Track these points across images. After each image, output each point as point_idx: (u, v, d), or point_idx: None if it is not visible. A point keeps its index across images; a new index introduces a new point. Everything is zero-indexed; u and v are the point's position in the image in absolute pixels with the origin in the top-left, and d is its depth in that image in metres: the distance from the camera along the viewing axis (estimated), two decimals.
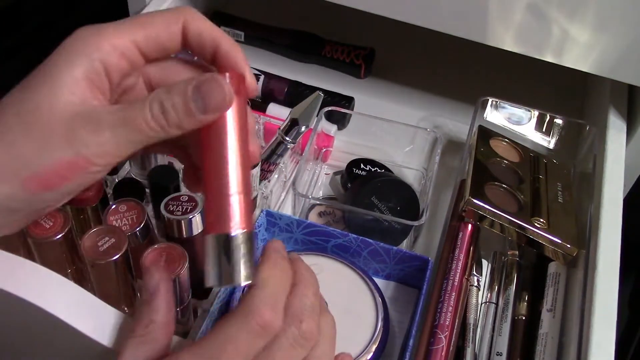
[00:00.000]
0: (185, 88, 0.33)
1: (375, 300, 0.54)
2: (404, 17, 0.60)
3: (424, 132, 0.67)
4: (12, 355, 0.49)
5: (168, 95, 0.33)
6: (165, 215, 0.48)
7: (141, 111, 0.33)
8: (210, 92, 0.33)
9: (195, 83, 0.33)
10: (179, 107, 0.33)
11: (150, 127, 0.33)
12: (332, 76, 0.78)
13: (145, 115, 0.33)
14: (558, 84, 0.77)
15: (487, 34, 0.58)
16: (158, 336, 0.34)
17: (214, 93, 0.33)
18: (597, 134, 0.62)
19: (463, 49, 0.70)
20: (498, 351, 0.51)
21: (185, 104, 0.33)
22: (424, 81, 0.78)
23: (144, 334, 0.34)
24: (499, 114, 0.67)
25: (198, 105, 0.33)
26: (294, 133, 0.56)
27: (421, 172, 0.68)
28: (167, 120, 0.33)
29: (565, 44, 0.57)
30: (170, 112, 0.33)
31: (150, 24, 0.35)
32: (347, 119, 0.71)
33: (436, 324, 0.50)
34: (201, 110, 0.33)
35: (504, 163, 0.61)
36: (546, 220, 0.55)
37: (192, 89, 0.33)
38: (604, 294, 0.47)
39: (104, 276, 0.45)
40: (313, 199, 0.63)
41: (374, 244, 0.55)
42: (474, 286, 0.56)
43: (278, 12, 0.85)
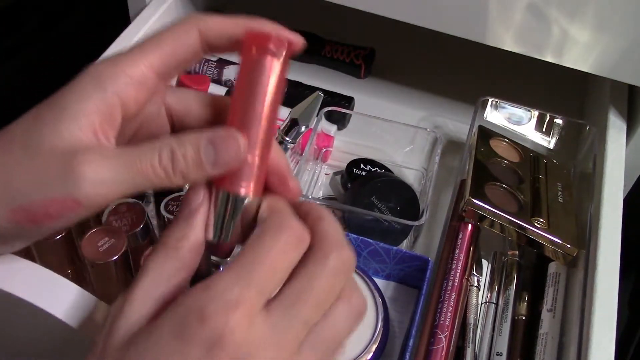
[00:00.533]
0: (198, 140, 0.32)
1: (375, 300, 0.54)
2: (404, 17, 0.60)
3: (424, 132, 0.67)
4: (12, 355, 0.49)
5: (180, 145, 0.32)
6: (165, 215, 0.48)
7: (150, 156, 0.32)
8: (224, 148, 0.32)
9: (209, 136, 0.32)
10: (190, 158, 0.32)
11: (156, 174, 0.32)
12: (332, 76, 0.78)
13: (153, 161, 0.32)
14: (558, 84, 0.77)
15: (487, 34, 0.58)
16: (186, 255, 0.32)
17: (228, 149, 0.32)
18: (597, 134, 0.62)
19: (463, 49, 0.70)
20: (498, 351, 0.51)
21: (197, 155, 0.32)
22: (424, 81, 0.78)
23: (174, 247, 0.32)
24: (499, 114, 0.67)
25: (209, 158, 0.32)
26: (294, 133, 0.56)
27: (421, 172, 0.68)
28: (174, 169, 0.32)
29: (565, 44, 0.57)
30: (180, 161, 0.32)
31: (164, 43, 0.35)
32: (347, 119, 0.71)
33: (436, 324, 0.50)
34: (211, 165, 0.32)
35: (504, 163, 0.61)
36: (546, 220, 0.55)
37: (205, 142, 0.32)
38: (604, 294, 0.47)
39: (103, 276, 0.46)
40: (313, 199, 0.63)
41: (374, 244, 0.55)
42: (474, 286, 0.56)
43: (278, 12, 0.84)
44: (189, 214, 0.33)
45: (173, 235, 0.32)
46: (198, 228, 0.32)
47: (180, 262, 0.31)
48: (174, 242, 0.32)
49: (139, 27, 0.66)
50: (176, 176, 0.32)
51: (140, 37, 0.65)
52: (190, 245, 0.32)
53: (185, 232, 0.32)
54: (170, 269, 0.31)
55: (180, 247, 0.32)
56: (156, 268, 0.31)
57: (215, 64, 0.74)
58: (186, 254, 0.32)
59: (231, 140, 0.32)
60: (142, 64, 0.34)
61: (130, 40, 0.64)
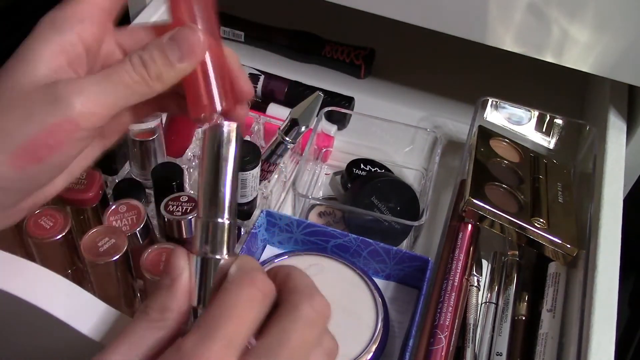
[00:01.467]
0: (160, 40, 0.35)
1: (375, 301, 0.54)
2: (404, 17, 0.60)
3: (424, 132, 0.67)
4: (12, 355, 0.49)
5: (145, 48, 0.34)
6: (165, 215, 0.48)
7: (123, 66, 0.34)
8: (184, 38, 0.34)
9: (169, 34, 0.35)
10: (157, 58, 0.34)
11: (134, 80, 0.34)
12: (332, 76, 0.78)
13: (127, 68, 0.34)
14: (558, 84, 0.77)
15: (487, 34, 0.58)
16: (172, 324, 0.32)
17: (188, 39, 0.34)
18: (597, 134, 0.62)
19: (463, 49, 0.70)
20: (498, 351, 0.51)
21: (163, 53, 0.34)
22: (424, 81, 0.78)
23: (158, 320, 0.32)
24: (499, 114, 0.67)
25: (175, 53, 0.34)
26: (294, 133, 0.56)
27: (421, 172, 0.68)
28: (149, 73, 0.34)
29: (565, 44, 0.57)
30: (149, 64, 0.34)
31: None
32: (347, 119, 0.71)
33: (436, 324, 0.50)
34: (178, 58, 0.34)
35: (504, 163, 0.61)
36: (546, 221, 0.55)
37: (167, 39, 0.35)
38: (604, 294, 0.47)
39: (104, 277, 0.45)
40: (313, 199, 0.63)
41: (374, 244, 0.55)
42: (474, 286, 0.56)
43: (278, 12, 0.85)
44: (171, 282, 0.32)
45: (157, 306, 0.32)
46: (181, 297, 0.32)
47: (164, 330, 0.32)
48: (157, 314, 0.32)
49: None
50: (153, 80, 0.34)
51: None
52: (175, 314, 0.32)
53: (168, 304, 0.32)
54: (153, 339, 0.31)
55: (165, 319, 0.32)
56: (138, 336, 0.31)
57: None
58: (172, 322, 0.32)
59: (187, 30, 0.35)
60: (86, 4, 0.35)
61: None
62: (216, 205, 0.33)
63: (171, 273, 0.33)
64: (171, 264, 0.33)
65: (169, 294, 0.32)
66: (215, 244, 0.33)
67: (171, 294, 0.32)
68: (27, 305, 0.38)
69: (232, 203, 0.34)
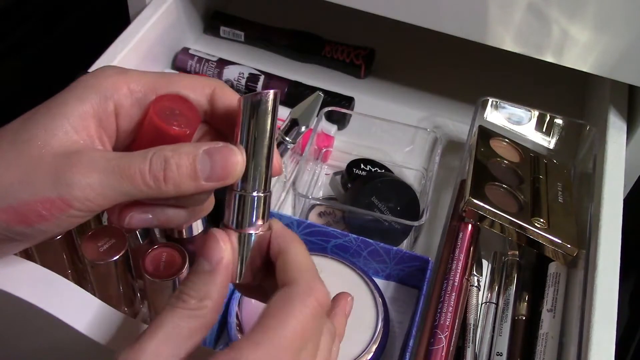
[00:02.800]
0: (195, 150, 0.32)
1: (375, 301, 0.54)
2: (404, 17, 0.60)
3: (424, 132, 0.67)
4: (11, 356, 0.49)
5: (175, 153, 0.31)
6: None
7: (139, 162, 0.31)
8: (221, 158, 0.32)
9: (207, 147, 0.32)
10: (184, 167, 0.31)
11: (144, 181, 0.31)
12: (332, 76, 0.78)
13: (142, 167, 0.31)
14: (558, 84, 0.77)
15: (487, 34, 0.58)
16: (208, 315, 0.30)
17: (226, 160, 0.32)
18: (597, 134, 0.62)
19: (463, 49, 0.70)
20: (498, 351, 0.51)
21: (192, 165, 0.31)
22: (424, 81, 0.78)
23: (196, 308, 0.30)
24: (499, 114, 0.67)
25: (205, 170, 0.31)
26: (294, 133, 0.56)
27: (421, 172, 0.68)
28: (165, 177, 0.31)
29: (565, 44, 0.57)
30: (172, 169, 0.31)
31: (177, 82, 0.34)
32: (347, 119, 0.71)
33: (436, 324, 0.50)
34: (206, 177, 0.32)
35: (504, 163, 0.61)
36: (546, 221, 0.55)
37: (203, 152, 0.32)
38: (604, 294, 0.47)
39: (104, 277, 0.45)
40: (313, 199, 0.63)
41: (374, 244, 0.55)
42: (474, 286, 0.56)
43: (278, 12, 0.85)
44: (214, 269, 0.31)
45: (196, 293, 0.31)
46: (222, 286, 0.31)
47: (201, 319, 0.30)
48: (196, 302, 0.30)
49: (139, 27, 0.66)
50: (167, 185, 0.31)
51: (140, 37, 0.65)
52: (214, 304, 0.31)
53: (209, 291, 0.31)
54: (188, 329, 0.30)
55: (204, 307, 0.30)
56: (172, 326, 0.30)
57: (215, 63, 0.74)
58: (209, 312, 0.31)
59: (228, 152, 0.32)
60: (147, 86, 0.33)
61: (130, 40, 0.64)
62: (253, 178, 0.32)
63: (211, 258, 0.31)
64: (210, 248, 0.32)
65: (211, 281, 0.31)
66: (253, 219, 0.32)
67: (213, 281, 0.31)
68: (27, 306, 0.38)
69: (269, 175, 0.33)
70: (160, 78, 0.34)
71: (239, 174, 0.32)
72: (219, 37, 0.80)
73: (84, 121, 0.32)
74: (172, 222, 0.35)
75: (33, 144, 0.32)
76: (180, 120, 0.33)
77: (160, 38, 0.70)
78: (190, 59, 0.74)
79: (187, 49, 0.75)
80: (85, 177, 0.31)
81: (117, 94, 0.33)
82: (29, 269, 0.39)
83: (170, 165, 0.31)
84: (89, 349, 0.39)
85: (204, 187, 0.32)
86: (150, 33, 0.67)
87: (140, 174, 0.31)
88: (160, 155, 0.31)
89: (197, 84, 0.35)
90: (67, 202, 0.31)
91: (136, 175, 0.31)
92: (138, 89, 0.33)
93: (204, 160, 0.32)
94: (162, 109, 0.33)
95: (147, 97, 0.34)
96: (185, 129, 0.33)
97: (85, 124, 0.32)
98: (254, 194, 0.32)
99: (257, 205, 0.33)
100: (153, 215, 0.34)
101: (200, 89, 0.35)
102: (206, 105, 0.35)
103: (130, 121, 0.34)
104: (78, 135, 0.32)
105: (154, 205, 0.34)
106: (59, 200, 0.31)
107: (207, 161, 0.32)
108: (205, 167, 0.32)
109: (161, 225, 0.35)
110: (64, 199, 0.31)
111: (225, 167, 0.32)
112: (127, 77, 0.33)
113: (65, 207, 0.31)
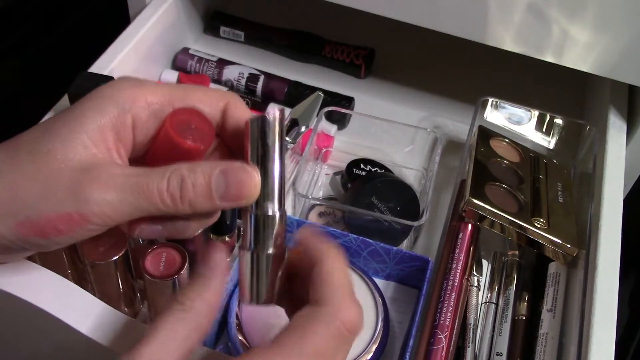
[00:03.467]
0: (211, 170, 0.32)
1: (375, 301, 0.54)
2: (404, 17, 0.60)
3: (424, 132, 0.67)
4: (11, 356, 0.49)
5: (191, 172, 0.32)
6: None
7: (158, 180, 0.32)
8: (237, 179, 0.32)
9: (223, 168, 0.32)
10: (200, 187, 0.32)
11: (162, 199, 0.32)
12: (332, 76, 0.78)
13: (161, 186, 0.32)
14: (558, 84, 0.77)
15: (487, 34, 0.58)
16: (200, 315, 0.31)
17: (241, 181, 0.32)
18: (597, 134, 0.62)
19: (463, 49, 0.70)
20: (498, 351, 0.51)
21: (208, 185, 0.32)
22: (424, 81, 0.78)
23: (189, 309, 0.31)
24: (499, 114, 0.67)
25: (220, 190, 0.32)
26: (294, 133, 0.56)
27: (421, 172, 0.68)
28: (182, 197, 0.32)
29: (565, 44, 0.57)
30: (188, 189, 0.32)
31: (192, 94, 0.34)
32: (347, 119, 0.71)
33: (436, 324, 0.50)
34: (221, 197, 0.32)
35: (504, 163, 0.61)
36: (546, 221, 0.55)
37: (218, 172, 0.32)
38: (604, 294, 0.47)
39: (104, 277, 0.46)
40: (313, 199, 0.63)
41: (374, 244, 0.55)
42: (474, 286, 0.56)
43: (278, 12, 0.85)
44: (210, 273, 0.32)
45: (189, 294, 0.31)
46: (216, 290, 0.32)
47: (194, 320, 0.31)
48: (188, 301, 0.31)
49: (139, 27, 0.66)
50: (183, 204, 0.32)
51: (140, 37, 0.65)
52: (205, 305, 0.31)
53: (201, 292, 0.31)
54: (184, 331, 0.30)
55: (195, 307, 0.31)
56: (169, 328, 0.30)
57: (215, 63, 0.74)
58: (201, 313, 0.31)
59: (244, 174, 0.32)
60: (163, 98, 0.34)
61: (130, 40, 0.64)
62: (266, 198, 0.32)
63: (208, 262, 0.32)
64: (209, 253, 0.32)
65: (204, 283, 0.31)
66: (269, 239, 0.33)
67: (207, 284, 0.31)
68: (27, 306, 0.38)
69: (282, 193, 0.33)
70: (176, 91, 0.34)
71: (254, 195, 0.32)
72: (219, 37, 0.80)
73: (103, 134, 0.32)
74: (181, 234, 0.35)
75: (52, 157, 0.32)
76: (195, 135, 0.34)
77: (160, 38, 0.70)
78: (190, 59, 0.74)
79: (187, 49, 0.75)
80: (103, 193, 0.31)
81: (135, 107, 0.33)
82: (29, 269, 0.39)
83: (187, 184, 0.32)
84: (88, 349, 0.39)
85: (219, 207, 0.32)
86: (150, 33, 0.67)
87: (159, 193, 0.31)
88: (178, 174, 0.32)
89: (211, 97, 0.35)
90: (85, 218, 0.31)
91: (154, 193, 0.31)
92: (155, 101, 0.34)
93: (219, 179, 0.32)
94: (179, 122, 0.33)
95: (164, 109, 0.34)
96: (200, 143, 0.34)
97: (103, 137, 0.32)
98: (270, 213, 0.33)
99: (272, 225, 0.33)
100: (163, 227, 0.34)
101: (215, 103, 0.35)
102: (219, 119, 0.35)
103: (147, 133, 0.34)
104: (96, 149, 0.32)
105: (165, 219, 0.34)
106: (77, 215, 0.31)
107: (222, 181, 0.32)
108: (220, 187, 0.32)
109: (170, 236, 0.35)
110: (82, 214, 0.31)
111: (240, 188, 0.32)
112: (144, 90, 0.34)
113: (83, 222, 0.31)
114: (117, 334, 0.38)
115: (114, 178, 0.32)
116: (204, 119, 0.34)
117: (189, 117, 0.34)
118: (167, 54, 0.74)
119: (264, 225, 0.33)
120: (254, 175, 0.32)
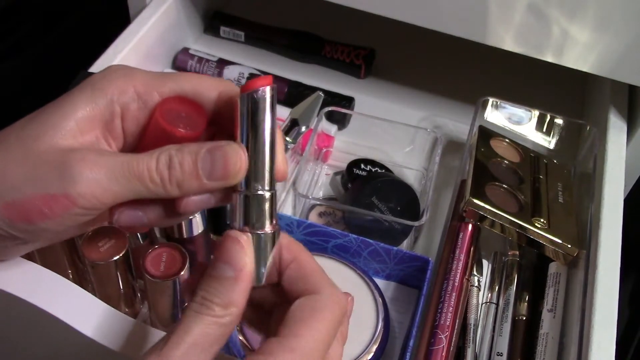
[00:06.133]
0: (198, 149, 0.32)
1: (376, 301, 0.54)
2: (404, 17, 0.60)
3: (424, 132, 0.67)
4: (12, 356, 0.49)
5: (179, 152, 0.32)
6: None
7: (147, 160, 0.31)
8: (222, 157, 0.31)
9: (209, 146, 0.32)
10: (187, 166, 0.31)
11: (152, 179, 0.31)
12: (332, 76, 0.78)
13: (150, 164, 0.31)
14: (558, 84, 0.77)
15: (487, 34, 0.58)
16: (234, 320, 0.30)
17: (226, 159, 0.31)
18: (597, 134, 0.62)
19: (463, 49, 0.70)
20: (498, 351, 0.51)
21: (194, 164, 0.31)
22: (424, 81, 0.78)
23: (222, 316, 0.30)
24: (499, 114, 0.67)
25: (206, 168, 0.31)
26: (294, 133, 0.56)
27: (421, 172, 0.68)
28: (170, 176, 0.31)
29: (565, 44, 0.57)
30: (176, 168, 0.31)
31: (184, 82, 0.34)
32: (347, 119, 0.71)
33: (436, 324, 0.50)
34: (207, 175, 0.32)
35: (505, 163, 0.61)
36: (546, 221, 0.55)
37: (205, 151, 0.32)
38: (604, 294, 0.47)
39: (104, 277, 0.45)
40: (313, 199, 0.63)
41: (374, 245, 0.55)
42: (474, 286, 0.56)
43: (278, 12, 0.85)
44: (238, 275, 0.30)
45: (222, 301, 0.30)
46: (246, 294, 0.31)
47: (226, 327, 0.30)
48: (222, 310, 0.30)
49: (139, 27, 0.66)
50: (172, 185, 0.31)
51: (140, 37, 0.65)
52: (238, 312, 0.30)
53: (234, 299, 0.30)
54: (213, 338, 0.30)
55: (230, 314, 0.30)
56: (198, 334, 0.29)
57: (215, 63, 0.74)
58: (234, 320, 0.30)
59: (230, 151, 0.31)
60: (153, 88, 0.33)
61: (131, 41, 0.64)
62: (256, 177, 0.32)
63: (235, 264, 0.31)
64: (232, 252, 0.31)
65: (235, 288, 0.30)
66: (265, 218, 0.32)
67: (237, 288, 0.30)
68: (27, 306, 0.38)
69: (272, 172, 0.32)
70: (167, 78, 0.34)
71: (240, 172, 0.32)
72: (219, 37, 0.80)
73: (91, 123, 0.32)
74: (164, 222, 0.35)
75: (40, 141, 0.32)
76: (187, 122, 0.33)
77: (160, 38, 0.70)
78: (191, 59, 0.74)
79: (187, 49, 0.75)
80: (92, 172, 0.31)
81: (124, 97, 0.33)
82: (29, 269, 0.39)
83: (174, 163, 0.31)
84: (89, 349, 0.39)
85: (207, 187, 0.32)
86: (151, 33, 0.67)
87: (148, 171, 0.31)
88: (166, 153, 0.32)
89: (204, 85, 0.34)
90: (71, 200, 0.31)
91: (144, 172, 0.31)
92: (144, 90, 0.33)
93: (206, 158, 0.31)
94: (168, 111, 0.33)
95: (153, 98, 0.34)
96: (192, 131, 0.33)
97: (92, 125, 0.32)
98: (259, 192, 0.32)
99: (266, 204, 0.32)
100: (144, 213, 0.34)
101: (207, 90, 0.34)
102: (214, 106, 0.35)
103: (137, 124, 0.34)
104: (85, 137, 0.32)
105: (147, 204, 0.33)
106: (63, 197, 0.31)
107: (208, 159, 0.31)
108: (207, 165, 0.31)
109: (152, 224, 0.35)
110: (68, 196, 0.31)
111: (226, 165, 0.31)
112: (134, 80, 0.33)
113: (70, 204, 0.31)
114: (117, 334, 0.38)
115: (103, 158, 0.31)
116: (194, 105, 0.34)
117: (179, 105, 0.33)
118: (167, 54, 0.74)
119: (256, 204, 0.32)
120: (239, 152, 0.31)
